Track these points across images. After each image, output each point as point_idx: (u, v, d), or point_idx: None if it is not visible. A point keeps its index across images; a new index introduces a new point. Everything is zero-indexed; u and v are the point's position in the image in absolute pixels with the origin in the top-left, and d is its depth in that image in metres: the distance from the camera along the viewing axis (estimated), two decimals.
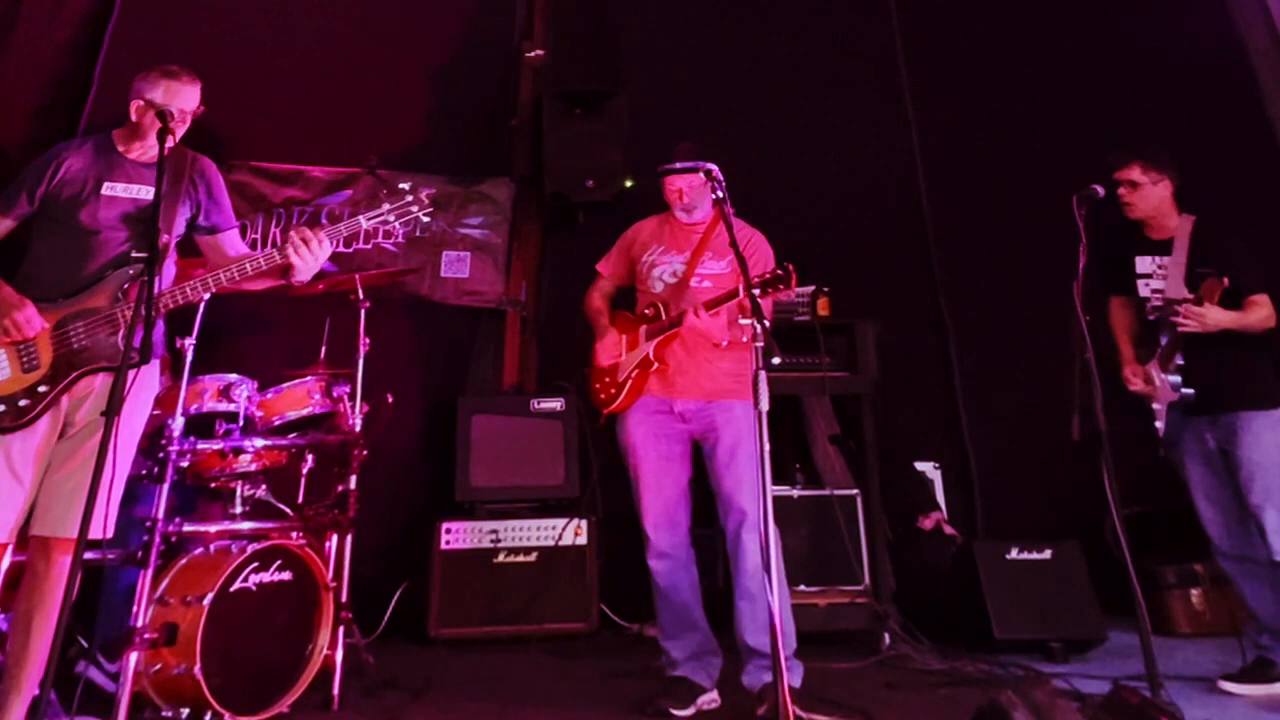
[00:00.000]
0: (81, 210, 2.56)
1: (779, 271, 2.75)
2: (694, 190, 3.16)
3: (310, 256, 2.59)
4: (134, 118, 2.63)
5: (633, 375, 3.11)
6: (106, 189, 2.60)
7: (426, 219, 2.83)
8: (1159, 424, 3.26)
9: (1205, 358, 3.15)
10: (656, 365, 3.08)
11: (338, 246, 2.70)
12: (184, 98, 2.64)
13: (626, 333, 3.21)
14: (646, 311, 3.17)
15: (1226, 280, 3.02)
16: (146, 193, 2.61)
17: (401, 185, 2.81)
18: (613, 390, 3.16)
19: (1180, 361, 3.18)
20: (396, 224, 2.78)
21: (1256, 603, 3.20)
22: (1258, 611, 3.20)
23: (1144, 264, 3.36)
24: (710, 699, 2.98)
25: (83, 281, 2.51)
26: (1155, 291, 3.30)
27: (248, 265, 2.59)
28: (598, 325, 3.32)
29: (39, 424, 2.42)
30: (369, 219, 2.73)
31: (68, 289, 2.50)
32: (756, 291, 2.73)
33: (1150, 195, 3.32)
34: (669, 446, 3.09)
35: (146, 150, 2.66)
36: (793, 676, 2.88)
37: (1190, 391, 3.17)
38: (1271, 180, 4.61)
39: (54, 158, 2.64)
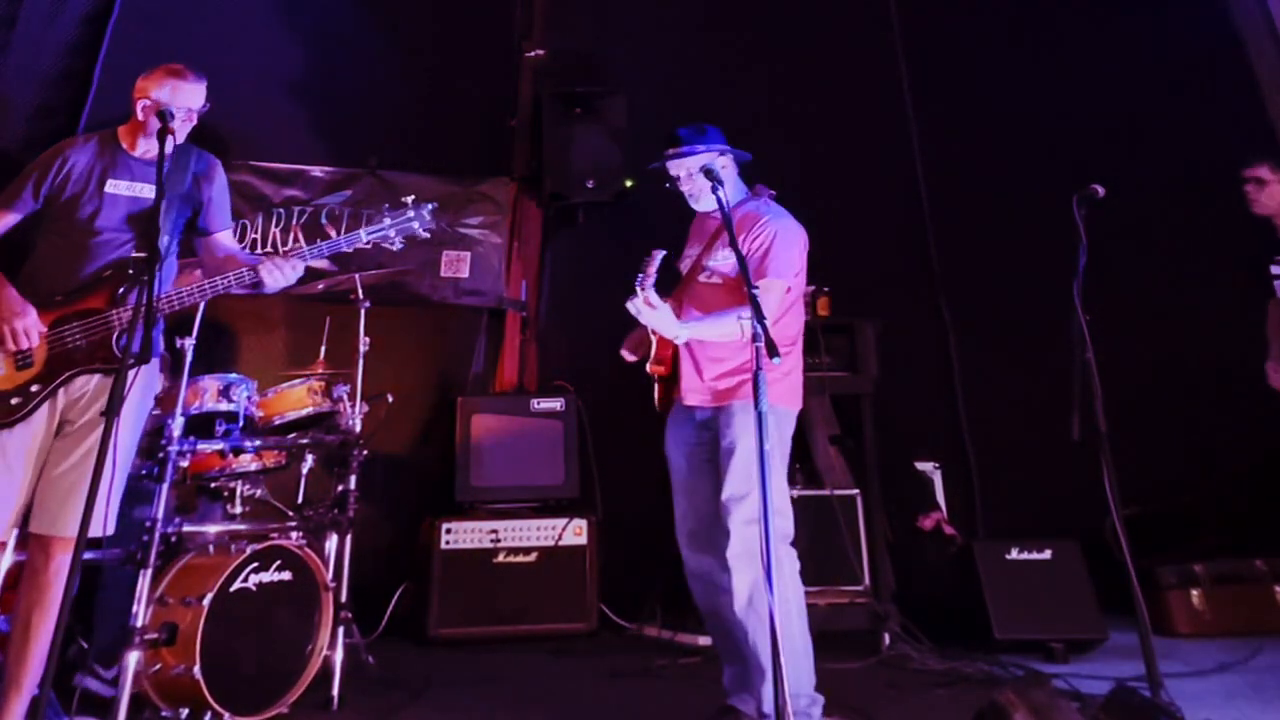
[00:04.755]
0: (84, 209, 2.56)
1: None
2: (688, 179, 2.81)
3: (282, 278, 2.60)
4: (140, 117, 2.62)
5: (656, 380, 2.90)
6: (110, 187, 2.59)
7: (426, 235, 2.78)
8: None
9: None
10: (659, 367, 2.82)
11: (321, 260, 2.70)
12: (190, 96, 2.63)
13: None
14: None
15: None
16: (149, 191, 2.60)
17: (405, 199, 2.75)
18: (656, 395, 2.92)
19: None
20: (396, 238, 2.72)
21: None
22: None
23: (1276, 268, 3.46)
24: None
25: (82, 281, 2.51)
26: None
27: (220, 282, 2.57)
28: None
29: (34, 422, 2.42)
30: (369, 233, 2.71)
31: (67, 289, 2.50)
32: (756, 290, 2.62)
33: (1277, 194, 3.40)
34: (698, 456, 2.77)
35: (151, 148, 2.63)
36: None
37: None
38: None
39: (59, 154, 2.63)
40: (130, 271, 2.52)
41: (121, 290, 2.51)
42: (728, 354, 2.71)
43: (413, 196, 2.77)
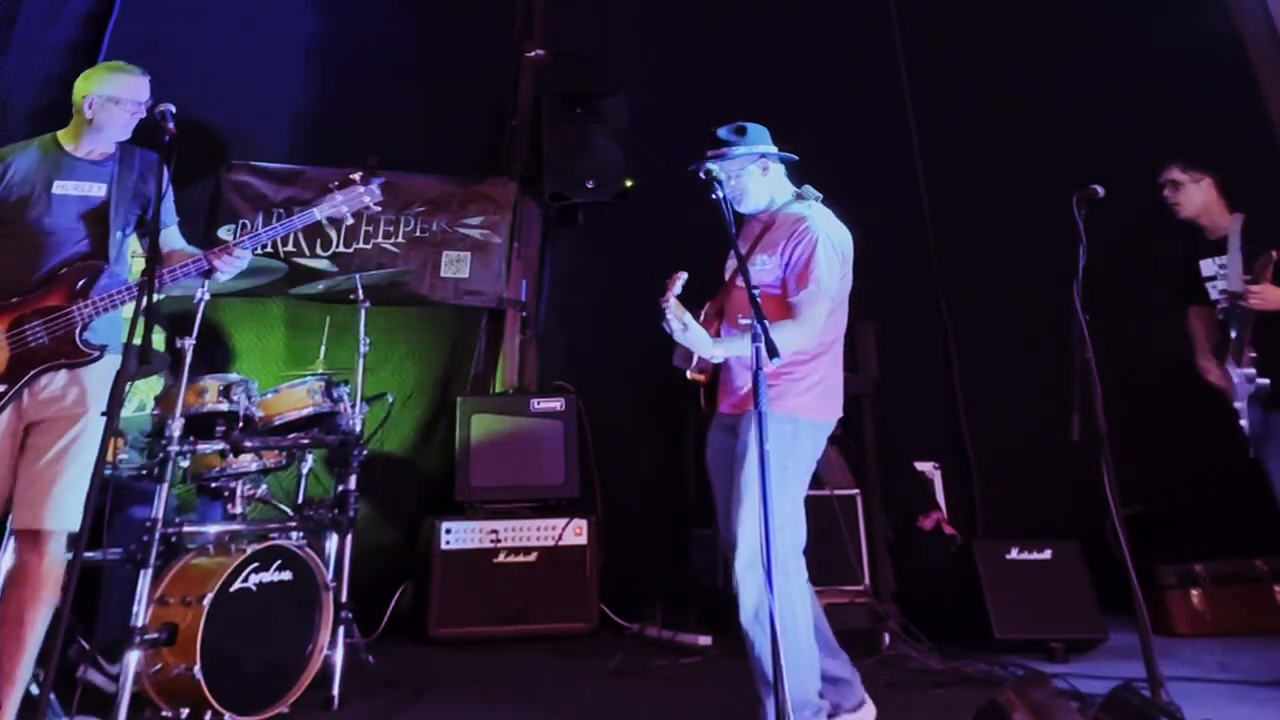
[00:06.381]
0: (32, 210, 2.58)
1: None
2: (734, 181, 2.72)
3: (232, 266, 2.71)
4: (89, 115, 2.65)
5: (700, 388, 2.85)
6: (57, 188, 2.62)
7: (376, 208, 2.95)
8: (1243, 423, 3.28)
9: (1277, 347, 3.15)
10: (700, 375, 2.79)
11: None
12: (139, 89, 2.68)
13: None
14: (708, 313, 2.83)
15: (1276, 253, 3.05)
16: (98, 190, 2.66)
17: (353, 175, 2.90)
18: (702, 400, 2.88)
19: (1253, 354, 3.19)
20: (348, 213, 2.87)
21: None
22: None
23: (1208, 267, 3.43)
24: None
25: (37, 281, 2.54)
26: (1222, 293, 3.35)
27: (178, 271, 2.64)
28: None
29: (0, 424, 2.46)
30: (322, 211, 2.84)
31: (21, 289, 2.53)
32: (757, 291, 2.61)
33: (1194, 194, 3.42)
34: (725, 460, 2.74)
35: (96, 148, 2.69)
36: None
37: (1265, 382, 3.17)
38: (1272, 180, 4.62)
39: (0, 160, 2.64)
40: (86, 267, 2.57)
41: (80, 285, 2.55)
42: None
43: (360, 174, 2.92)
